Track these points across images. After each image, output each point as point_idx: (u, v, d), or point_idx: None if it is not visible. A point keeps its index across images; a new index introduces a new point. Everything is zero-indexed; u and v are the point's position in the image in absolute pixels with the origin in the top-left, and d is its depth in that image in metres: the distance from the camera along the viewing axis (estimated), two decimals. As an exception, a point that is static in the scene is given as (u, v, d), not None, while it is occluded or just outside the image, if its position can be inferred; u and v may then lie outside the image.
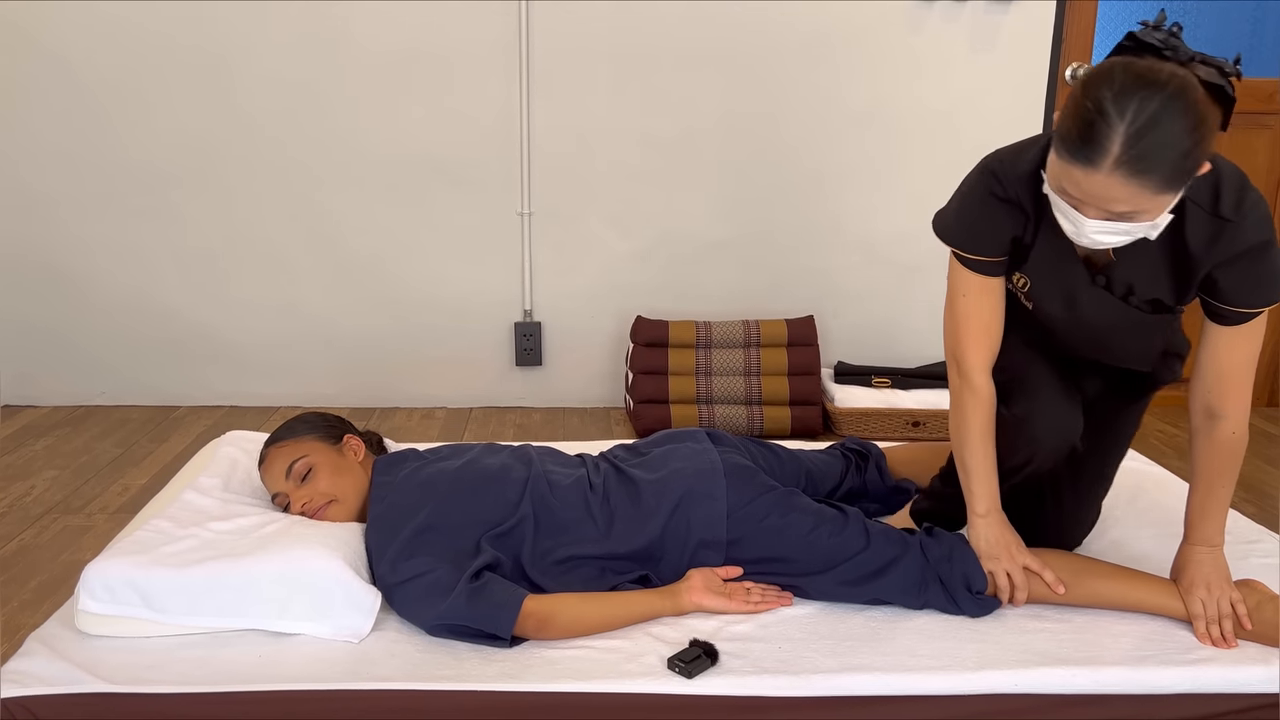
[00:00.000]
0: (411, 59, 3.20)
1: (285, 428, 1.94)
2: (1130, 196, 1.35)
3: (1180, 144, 1.31)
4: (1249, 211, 1.48)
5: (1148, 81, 1.33)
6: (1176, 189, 1.36)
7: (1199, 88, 1.35)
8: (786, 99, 3.29)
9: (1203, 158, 1.35)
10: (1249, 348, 1.59)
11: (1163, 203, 1.37)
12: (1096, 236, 1.42)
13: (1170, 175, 1.33)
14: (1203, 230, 1.49)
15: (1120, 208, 1.37)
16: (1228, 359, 1.59)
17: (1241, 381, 1.61)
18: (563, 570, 1.75)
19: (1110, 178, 1.33)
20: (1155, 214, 1.39)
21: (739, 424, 3.17)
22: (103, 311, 3.38)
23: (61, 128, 3.22)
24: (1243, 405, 1.63)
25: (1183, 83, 1.34)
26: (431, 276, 3.39)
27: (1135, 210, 1.37)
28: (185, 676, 1.52)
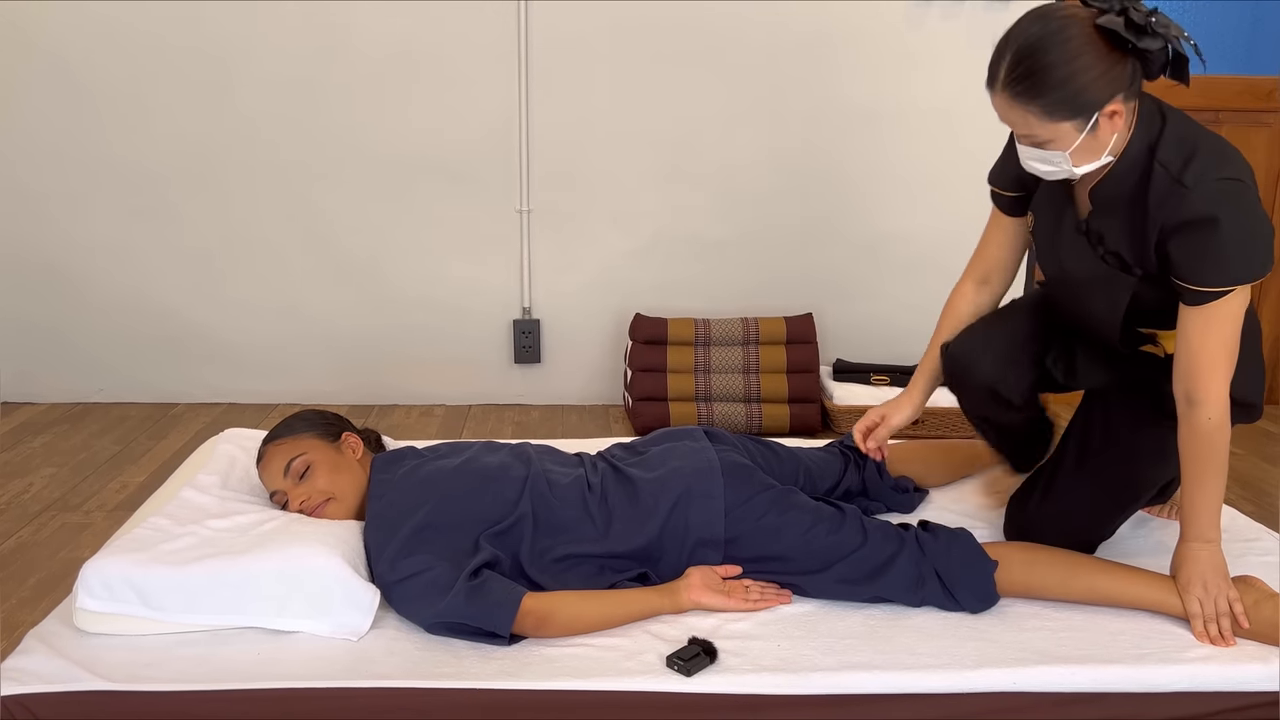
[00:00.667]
0: (410, 56, 3.20)
1: (283, 425, 1.93)
2: (1022, 120, 1.52)
3: (1056, 72, 1.46)
4: (1207, 184, 1.52)
5: (1039, 15, 1.49)
6: (1063, 117, 1.49)
7: (1087, 29, 1.46)
8: (785, 97, 3.29)
9: (1090, 92, 1.47)
10: (1219, 333, 1.57)
11: (1057, 131, 1.51)
12: (1027, 162, 1.59)
13: (1052, 102, 1.48)
14: (1160, 191, 1.55)
15: (1021, 130, 1.55)
16: (1199, 343, 1.58)
17: (1213, 367, 1.58)
18: (561, 568, 1.75)
19: (1001, 99, 1.52)
20: (1061, 143, 1.52)
21: (738, 421, 3.17)
22: (101, 309, 3.37)
23: (60, 127, 3.22)
24: (1217, 392, 1.59)
25: (1066, 21, 1.47)
26: (430, 274, 3.39)
27: (1034, 134, 1.53)
28: (184, 674, 1.52)
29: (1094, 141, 1.54)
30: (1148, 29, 1.47)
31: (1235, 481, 2.80)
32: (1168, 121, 1.59)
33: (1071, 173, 1.58)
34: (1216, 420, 1.60)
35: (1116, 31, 1.46)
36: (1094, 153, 1.56)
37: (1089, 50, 1.47)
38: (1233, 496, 2.64)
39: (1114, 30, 1.46)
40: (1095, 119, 1.51)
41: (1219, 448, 1.63)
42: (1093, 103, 1.49)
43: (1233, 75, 3.35)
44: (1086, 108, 1.49)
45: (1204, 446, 1.62)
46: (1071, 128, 1.51)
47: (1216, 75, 3.36)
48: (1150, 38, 1.48)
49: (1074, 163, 1.56)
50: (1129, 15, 1.47)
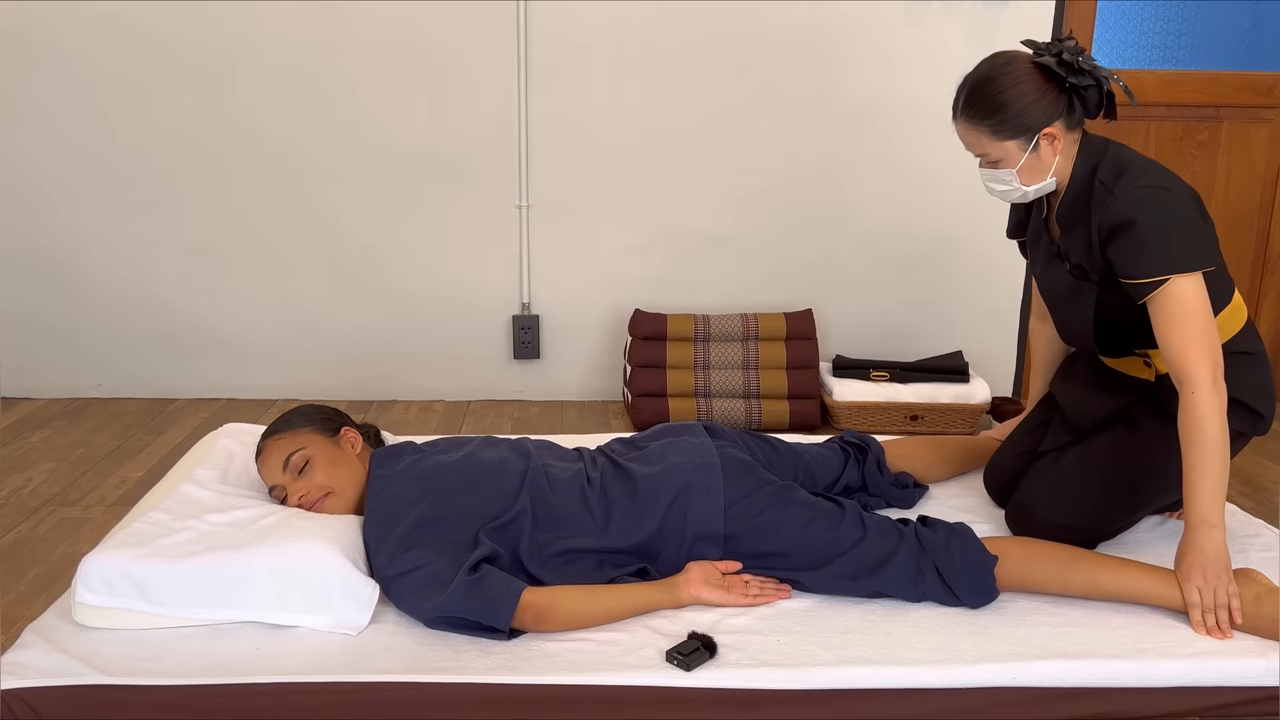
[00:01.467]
0: (410, 52, 3.20)
1: (282, 420, 1.93)
2: (976, 140, 1.82)
3: (1000, 96, 1.76)
4: (1130, 190, 1.74)
5: (992, 56, 1.82)
6: (1008, 136, 1.78)
7: (1027, 64, 1.78)
8: (785, 93, 3.29)
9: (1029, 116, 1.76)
10: (1180, 316, 1.70)
11: (1004, 149, 1.79)
12: (987, 185, 1.88)
13: (998, 122, 1.77)
14: (1098, 202, 1.79)
15: (975, 150, 1.84)
16: (1165, 330, 1.72)
17: (1183, 348, 1.69)
18: (561, 563, 1.75)
19: (960, 124, 1.83)
20: (1009, 161, 1.80)
21: (737, 418, 3.17)
22: (100, 304, 3.37)
23: (60, 120, 3.21)
24: (1199, 371, 1.68)
25: (1012, 57, 1.80)
26: (429, 269, 3.38)
27: (987, 154, 1.82)
28: (183, 668, 1.52)
29: (1037, 161, 1.81)
30: (1075, 66, 1.76)
31: (1235, 478, 2.80)
32: (1109, 150, 1.84)
33: (1023, 191, 1.84)
34: (1203, 399, 1.67)
35: (1050, 67, 1.76)
36: (1039, 172, 1.83)
37: (1028, 80, 1.76)
38: (1233, 493, 2.64)
39: (1048, 66, 1.76)
40: (1036, 140, 1.78)
41: (1209, 425, 1.67)
42: (1032, 124, 1.77)
43: (1233, 71, 3.35)
44: (1028, 128, 1.77)
45: (1194, 424, 1.68)
46: (1016, 146, 1.79)
47: (1217, 71, 3.36)
48: (1078, 74, 1.76)
49: (1022, 180, 1.83)
50: (1061, 56, 1.77)
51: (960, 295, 3.44)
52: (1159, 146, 3.38)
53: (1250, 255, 3.50)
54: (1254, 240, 3.48)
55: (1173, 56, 3.49)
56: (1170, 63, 3.46)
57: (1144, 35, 3.50)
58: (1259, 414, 1.88)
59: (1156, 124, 3.36)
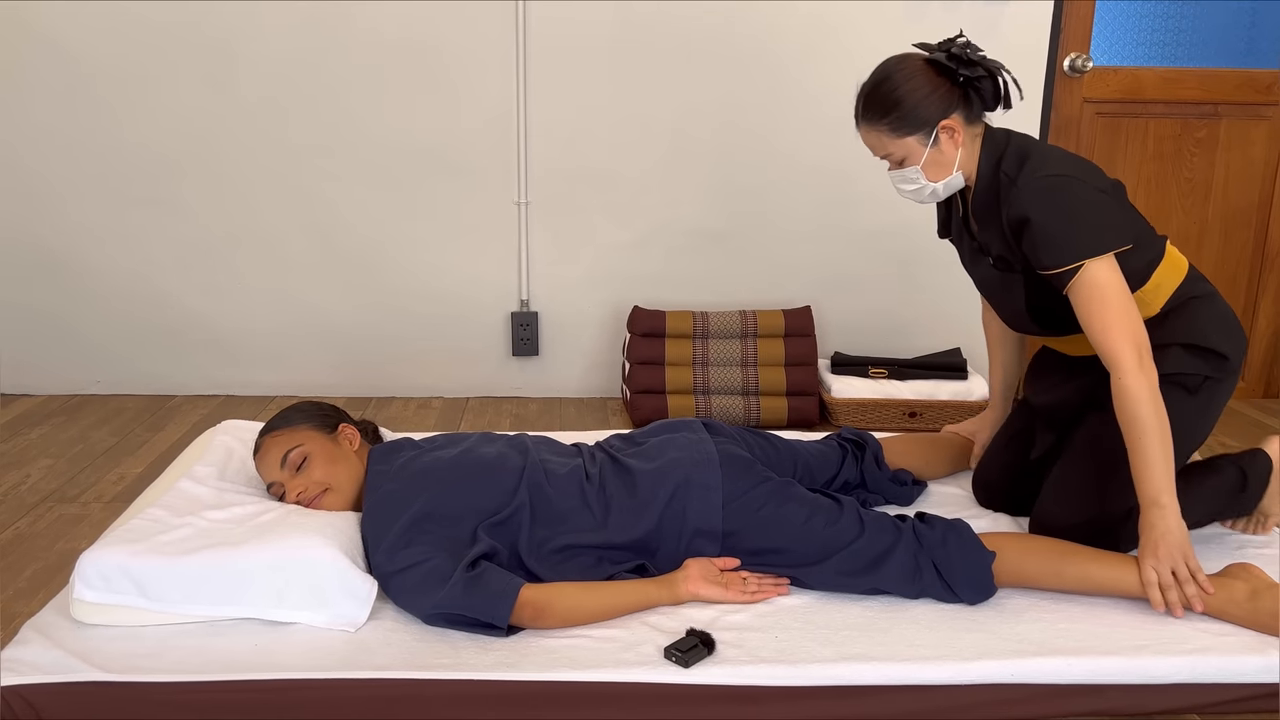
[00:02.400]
0: (410, 49, 3.19)
1: (280, 417, 1.93)
2: (878, 141, 1.85)
3: (894, 93, 1.79)
4: (1029, 180, 1.76)
5: (884, 61, 1.84)
6: (907, 132, 1.80)
7: (919, 61, 1.81)
8: (784, 90, 3.28)
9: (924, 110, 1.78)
10: (1098, 302, 1.72)
11: (906, 146, 1.82)
12: (897, 187, 1.90)
13: (896, 119, 1.80)
14: (1004, 194, 1.81)
15: (879, 152, 1.86)
16: (1086, 316, 1.74)
17: (1105, 332, 1.71)
18: (560, 559, 1.74)
19: (862, 128, 1.86)
20: (913, 158, 1.83)
21: (736, 414, 3.17)
22: (99, 300, 3.37)
23: (59, 114, 3.21)
24: (1124, 355, 1.70)
25: (903, 57, 1.83)
26: (428, 266, 3.38)
27: (890, 154, 1.84)
28: (181, 665, 1.52)
29: (940, 155, 1.83)
30: (964, 59, 1.79)
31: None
32: (1011, 141, 1.85)
33: (932, 188, 1.87)
34: (1131, 379, 1.70)
35: (940, 62, 1.79)
36: (943, 167, 1.85)
37: (920, 75, 1.79)
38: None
39: (938, 61, 1.80)
40: (935, 133, 1.81)
41: (1142, 407, 1.69)
42: (929, 118, 1.80)
43: (1232, 69, 3.35)
44: (925, 123, 1.80)
45: (1127, 407, 1.71)
46: (916, 142, 1.82)
47: (1216, 69, 3.35)
48: (969, 66, 1.78)
49: (928, 176, 1.85)
50: (950, 51, 1.80)
51: (958, 292, 3.44)
52: (1157, 144, 3.38)
53: (1249, 252, 3.50)
54: (1252, 237, 3.48)
55: (1171, 54, 3.49)
56: (1169, 60, 3.46)
57: (1142, 32, 3.50)
58: (1223, 355, 1.87)
59: (1155, 121, 3.36)
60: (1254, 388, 3.62)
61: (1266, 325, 3.56)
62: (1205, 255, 3.47)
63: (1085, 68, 3.28)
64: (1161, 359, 1.83)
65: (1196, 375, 1.86)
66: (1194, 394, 1.87)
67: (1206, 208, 3.45)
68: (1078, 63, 3.27)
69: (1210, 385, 1.88)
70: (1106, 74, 3.31)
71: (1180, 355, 1.86)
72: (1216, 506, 1.99)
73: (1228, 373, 1.89)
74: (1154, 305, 1.88)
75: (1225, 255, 3.49)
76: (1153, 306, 1.88)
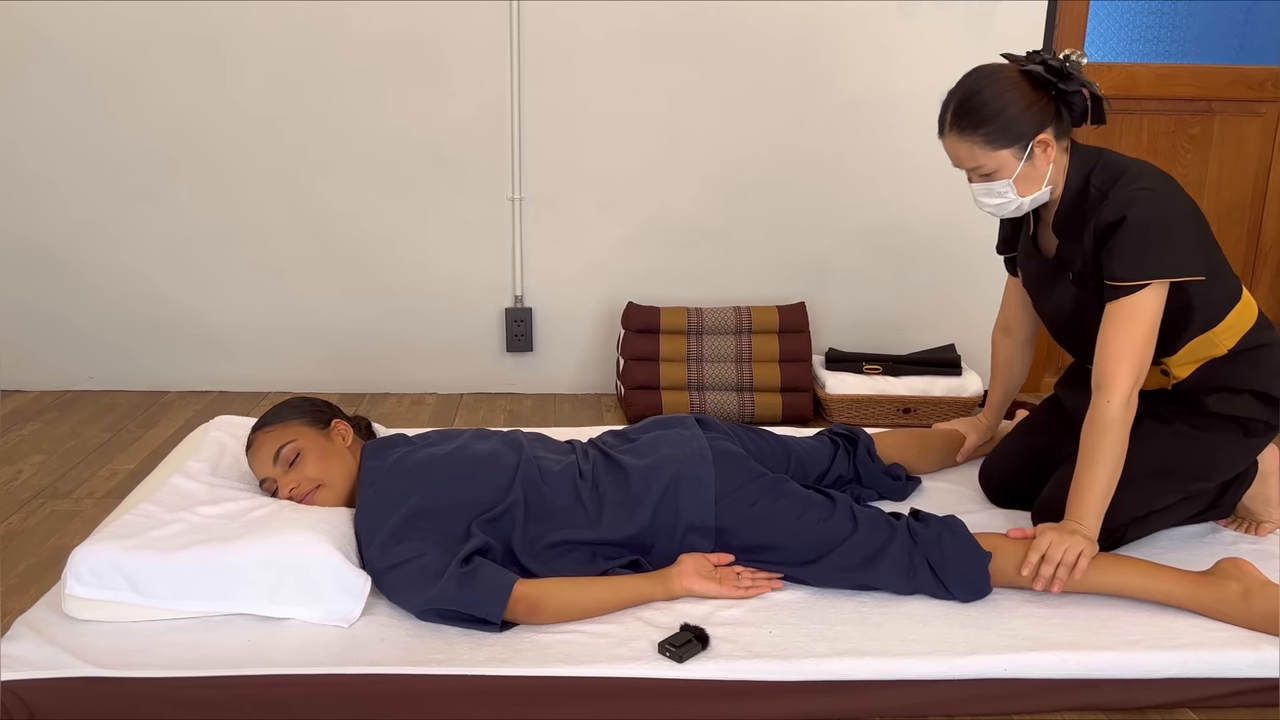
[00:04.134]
0: (403, 43, 3.18)
1: (273, 413, 1.93)
2: (969, 153, 1.79)
3: (990, 105, 1.74)
4: (1122, 191, 1.75)
5: (976, 70, 1.80)
6: (1002, 145, 1.76)
7: (1013, 73, 1.77)
8: (778, 86, 3.28)
9: (1021, 123, 1.74)
10: (1130, 328, 1.72)
11: (999, 159, 1.77)
12: (981, 199, 1.85)
13: (991, 131, 1.75)
14: (1093, 207, 1.79)
15: (968, 164, 1.81)
16: (1111, 334, 1.74)
17: (1118, 358, 1.72)
18: (553, 555, 1.74)
19: (950, 139, 1.81)
20: (1005, 171, 1.78)
21: (730, 410, 3.17)
22: (92, 295, 3.35)
23: (51, 111, 3.19)
24: (1121, 382, 1.71)
25: (997, 68, 1.79)
26: (422, 262, 3.37)
27: (981, 166, 1.79)
28: (174, 661, 1.51)
29: (1032, 170, 1.79)
30: (1063, 71, 1.76)
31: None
32: (1102, 156, 1.84)
33: (1019, 203, 1.82)
34: (1114, 410, 1.71)
35: (1037, 74, 1.76)
36: (1034, 182, 1.81)
37: (1015, 89, 1.76)
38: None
39: (1035, 73, 1.76)
40: (1030, 147, 1.77)
41: (1113, 437, 1.72)
42: (1025, 132, 1.76)
43: (1226, 65, 3.36)
44: (1021, 136, 1.76)
45: (1099, 431, 1.72)
46: (1010, 155, 1.77)
47: (1210, 65, 3.36)
48: (1066, 80, 1.76)
49: (1019, 191, 1.81)
50: (1046, 63, 1.77)
51: (953, 288, 3.44)
52: (1151, 140, 3.38)
53: (1242, 248, 3.51)
54: (1245, 233, 3.49)
55: (1165, 50, 3.49)
56: (1163, 56, 3.47)
57: (1137, 29, 3.50)
58: None
59: (1149, 118, 3.36)
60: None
61: (1260, 322, 3.57)
62: (1198, 252, 3.48)
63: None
64: (1233, 401, 1.86)
65: (1260, 422, 1.87)
66: (1249, 437, 1.89)
67: (1200, 204, 3.43)
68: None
69: (1266, 433, 1.90)
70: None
71: (1251, 402, 1.86)
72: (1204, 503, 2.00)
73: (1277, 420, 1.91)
74: (1224, 345, 1.86)
75: (1218, 252, 3.50)
76: (1222, 346, 1.86)
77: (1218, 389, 1.86)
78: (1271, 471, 2.05)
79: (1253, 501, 2.05)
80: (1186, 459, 1.89)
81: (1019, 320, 2.21)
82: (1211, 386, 1.87)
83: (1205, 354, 1.86)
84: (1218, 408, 1.86)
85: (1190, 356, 1.86)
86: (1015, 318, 2.21)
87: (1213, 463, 1.91)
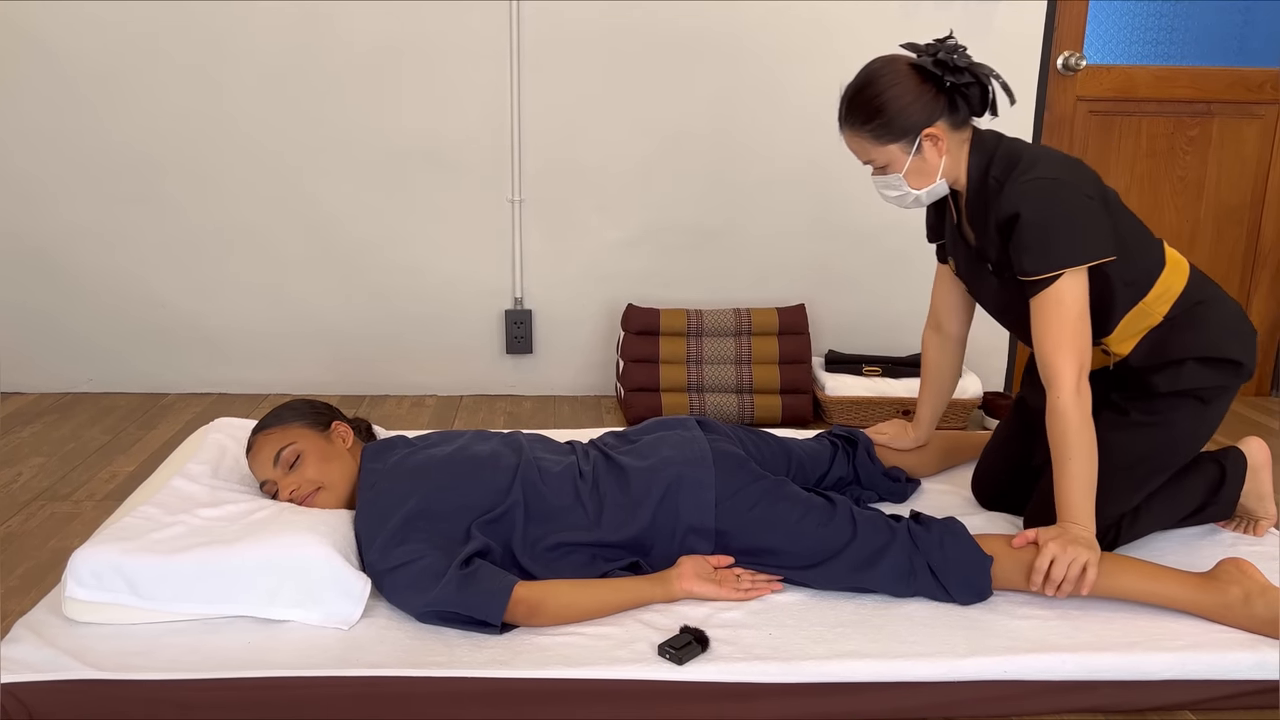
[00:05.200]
0: (402, 45, 3.19)
1: (273, 415, 1.93)
2: (860, 147, 1.80)
3: (877, 100, 1.74)
4: (1017, 184, 1.73)
5: (869, 64, 1.79)
6: (890, 140, 1.76)
7: (904, 66, 1.76)
8: (778, 88, 3.28)
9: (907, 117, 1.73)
10: (1056, 319, 1.71)
11: (888, 153, 1.77)
12: (880, 192, 1.87)
13: (879, 126, 1.75)
14: (991, 199, 1.79)
15: (862, 158, 1.82)
16: (1041, 331, 1.74)
17: (1055, 351, 1.72)
18: (554, 557, 1.74)
19: (845, 133, 1.81)
20: (895, 165, 1.78)
21: (730, 412, 3.17)
22: (91, 298, 3.36)
23: (49, 115, 3.20)
24: (1065, 374, 1.71)
25: (889, 60, 1.78)
26: (422, 264, 3.38)
27: (873, 160, 1.80)
28: (174, 663, 1.51)
29: (923, 164, 1.79)
30: (951, 65, 1.73)
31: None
32: (1001, 145, 1.82)
33: (914, 195, 1.83)
34: (1064, 404, 1.71)
35: (926, 68, 1.74)
36: (927, 175, 1.81)
37: (904, 82, 1.74)
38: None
39: (924, 67, 1.74)
40: (918, 141, 1.76)
41: (1072, 428, 1.71)
42: (912, 126, 1.75)
43: (1225, 67, 3.36)
44: (907, 131, 1.75)
45: (1058, 428, 1.72)
46: (898, 150, 1.78)
47: (1208, 67, 3.36)
48: (956, 73, 1.73)
49: (910, 184, 1.81)
50: (937, 55, 1.75)
51: (952, 290, 3.44)
52: (1150, 142, 3.38)
53: (1241, 250, 3.51)
54: (1244, 235, 3.49)
55: (1164, 52, 3.49)
56: (1162, 58, 3.47)
57: (1136, 31, 3.50)
58: (1238, 362, 1.86)
59: (1148, 119, 3.37)
60: (1247, 385, 3.63)
61: (1259, 323, 3.57)
62: (1198, 253, 3.48)
63: (1078, 66, 3.28)
64: (1178, 375, 1.84)
65: (1213, 387, 1.85)
66: (1208, 404, 1.88)
67: (1199, 206, 3.46)
68: (1071, 61, 3.28)
69: (1225, 393, 1.88)
70: (1099, 72, 3.32)
71: (1196, 370, 1.84)
72: (1197, 501, 2.00)
73: (1244, 376, 1.89)
74: (1158, 313, 1.85)
75: (1218, 253, 3.50)
76: (1157, 315, 1.85)
77: (1163, 364, 1.85)
78: (1262, 465, 2.04)
79: (1246, 499, 2.04)
80: (1153, 446, 1.87)
81: (950, 314, 2.15)
82: (1156, 362, 1.85)
83: (1143, 325, 1.85)
84: (1167, 386, 1.85)
85: (1128, 331, 1.85)
86: (946, 311, 2.15)
87: (1180, 442, 1.89)
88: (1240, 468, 2.02)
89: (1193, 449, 1.93)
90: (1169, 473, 1.93)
